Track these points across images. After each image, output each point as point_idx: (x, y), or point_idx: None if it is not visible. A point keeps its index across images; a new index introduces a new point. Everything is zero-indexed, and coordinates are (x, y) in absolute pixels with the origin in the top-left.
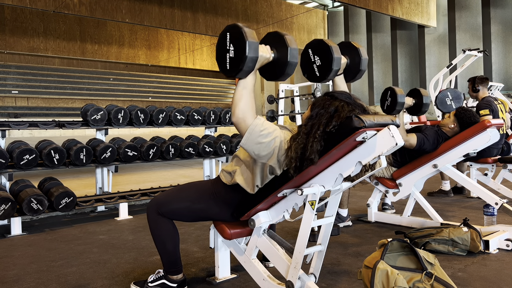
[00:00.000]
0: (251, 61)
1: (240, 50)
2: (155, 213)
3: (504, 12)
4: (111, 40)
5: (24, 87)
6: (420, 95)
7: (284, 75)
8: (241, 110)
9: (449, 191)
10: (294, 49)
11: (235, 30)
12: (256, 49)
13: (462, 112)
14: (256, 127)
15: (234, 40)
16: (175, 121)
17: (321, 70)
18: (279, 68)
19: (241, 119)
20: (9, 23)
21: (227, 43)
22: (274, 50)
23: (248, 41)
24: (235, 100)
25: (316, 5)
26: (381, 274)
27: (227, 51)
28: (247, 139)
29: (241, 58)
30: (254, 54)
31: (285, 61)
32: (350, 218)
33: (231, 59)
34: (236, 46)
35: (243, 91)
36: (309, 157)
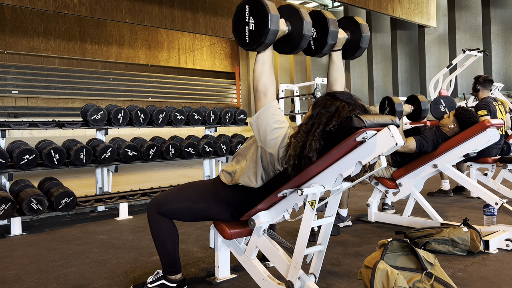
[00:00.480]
0: (272, 34)
1: (262, 23)
2: (155, 212)
3: (504, 12)
4: (111, 40)
5: (24, 87)
6: (418, 101)
7: (299, 48)
8: (264, 84)
9: (449, 191)
10: (309, 22)
11: (256, 3)
12: (277, 22)
13: (462, 112)
14: (271, 108)
15: (255, 12)
16: (175, 121)
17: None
18: (294, 41)
19: (263, 93)
20: (9, 23)
21: (246, 15)
22: (288, 23)
23: (271, 14)
24: (256, 76)
25: (316, 5)
26: (381, 274)
27: (246, 23)
28: (258, 116)
29: (263, 31)
30: (275, 27)
31: (300, 34)
32: (350, 218)
33: (251, 32)
34: (257, 19)
35: (263, 67)
36: (307, 155)
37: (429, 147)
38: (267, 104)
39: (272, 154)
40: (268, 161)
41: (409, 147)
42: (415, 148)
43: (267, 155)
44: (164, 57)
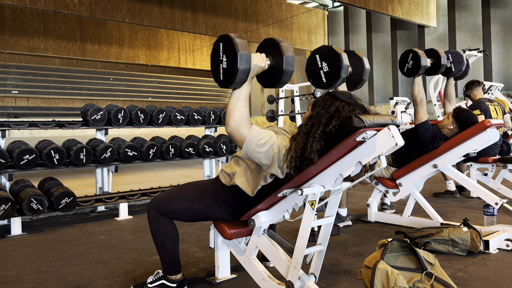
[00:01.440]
0: (243, 73)
1: (232, 62)
2: (155, 212)
3: (504, 12)
4: (111, 40)
5: (24, 87)
6: (438, 55)
7: (280, 83)
8: (235, 120)
9: (455, 191)
10: (290, 57)
11: (227, 41)
12: (248, 61)
13: (460, 112)
14: (252, 138)
15: (227, 51)
16: (175, 121)
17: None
18: (275, 76)
19: (235, 129)
20: (9, 23)
21: (220, 53)
22: (270, 58)
23: (240, 54)
24: (228, 111)
25: (316, 5)
26: (381, 274)
27: (220, 61)
28: (245, 151)
29: (233, 70)
30: (246, 66)
31: (281, 69)
32: (350, 218)
33: (224, 70)
34: (228, 57)
35: (236, 101)
36: (308, 157)
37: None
38: (247, 137)
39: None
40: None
41: (422, 113)
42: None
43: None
44: (164, 57)
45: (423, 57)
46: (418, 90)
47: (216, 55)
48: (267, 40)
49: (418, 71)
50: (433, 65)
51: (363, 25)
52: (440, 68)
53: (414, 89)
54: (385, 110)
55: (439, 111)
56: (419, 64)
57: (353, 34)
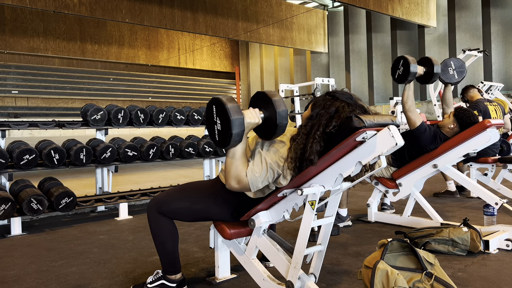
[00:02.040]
0: (237, 136)
1: (226, 127)
2: (156, 212)
3: (504, 12)
4: (111, 40)
5: (24, 87)
6: (431, 63)
7: (275, 135)
8: (234, 178)
9: (455, 192)
10: (283, 111)
11: (219, 105)
12: (241, 124)
13: (461, 112)
14: (253, 179)
15: (220, 114)
16: (175, 121)
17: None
18: (269, 129)
19: (236, 184)
20: (9, 23)
21: (214, 115)
22: (263, 111)
23: (232, 119)
24: (226, 170)
25: (316, 5)
26: (381, 274)
27: (214, 123)
28: (255, 189)
29: (227, 134)
30: (239, 129)
31: (275, 123)
32: (350, 218)
33: (219, 132)
34: (222, 121)
35: (232, 160)
36: (308, 158)
37: (427, 139)
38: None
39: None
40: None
41: (414, 119)
42: (418, 124)
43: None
44: (164, 57)
45: (413, 64)
46: (407, 96)
47: (210, 117)
48: (260, 94)
49: (408, 77)
50: (426, 74)
51: (363, 25)
52: (434, 76)
53: (404, 95)
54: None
55: (439, 111)
56: (408, 70)
57: (353, 34)
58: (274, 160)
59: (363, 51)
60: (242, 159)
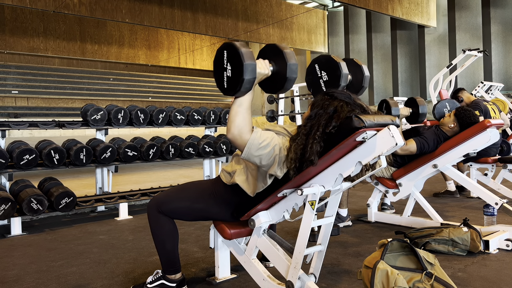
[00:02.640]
0: (248, 82)
1: (238, 72)
2: (156, 211)
3: (504, 12)
4: (111, 40)
5: (24, 87)
6: (416, 104)
7: (283, 89)
8: (237, 127)
9: (455, 192)
10: (294, 64)
11: (232, 50)
12: (253, 70)
13: (462, 112)
14: (254, 141)
15: (231, 60)
16: (175, 121)
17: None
18: (278, 82)
19: (237, 135)
20: (9, 23)
21: (224, 61)
22: (272, 64)
23: (245, 64)
24: (230, 118)
25: (316, 5)
26: (381, 274)
27: (224, 69)
28: (247, 153)
29: (238, 80)
30: (251, 76)
31: (284, 76)
32: (350, 218)
33: (228, 79)
34: (233, 66)
35: (238, 108)
36: (308, 158)
37: (429, 148)
38: (249, 141)
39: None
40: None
41: (409, 149)
42: (416, 150)
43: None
44: (164, 57)
45: (394, 107)
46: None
47: (220, 63)
48: (270, 46)
49: None
50: (413, 114)
51: (363, 25)
52: (420, 117)
53: None
54: None
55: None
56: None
57: (353, 34)
58: (280, 145)
59: (363, 51)
60: (249, 111)
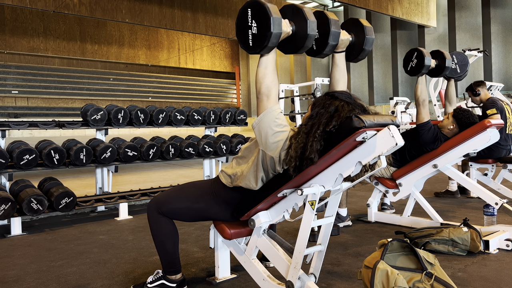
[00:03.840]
0: (275, 37)
1: (264, 27)
2: (156, 212)
3: (504, 12)
4: (111, 40)
5: (24, 87)
6: (443, 57)
7: (304, 48)
8: (267, 86)
9: (456, 192)
10: (313, 22)
11: (257, 6)
12: (280, 24)
13: (460, 112)
14: (273, 112)
15: (257, 16)
16: (175, 121)
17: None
18: (298, 41)
19: (266, 95)
20: (9, 23)
21: (249, 19)
22: (292, 23)
23: (273, 17)
24: (259, 78)
25: (316, 5)
26: (381, 274)
27: (249, 27)
28: (260, 120)
29: (266, 35)
30: (278, 30)
31: (305, 34)
32: (350, 218)
33: (253, 36)
34: (259, 22)
35: (266, 69)
36: (308, 157)
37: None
38: (269, 108)
39: (273, 158)
40: (268, 164)
41: (423, 114)
42: (425, 120)
43: (267, 158)
44: (164, 57)
45: (427, 56)
46: (421, 90)
47: (244, 22)
48: (288, 6)
49: (421, 70)
50: (437, 67)
51: None
52: (445, 70)
53: (417, 88)
54: (385, 110)
55: (439, 111)
56: (422, 63)
57: None
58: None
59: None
60: (275, 72)
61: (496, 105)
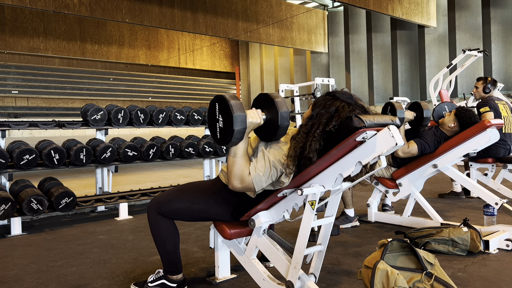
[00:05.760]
0: (238, 133)
1: (228, 123)
2: (156, 212)
3: (504, 12)
4: (111, 40)
5: (24, 87)
6: (420, 108)
7: (276, 137)
8: (237, 177)
9: (461, 193)
10: (285, 112)
11: (222, 102)
12: (243, 121)
13: (462, 112)
14: (258, 178)
15: (222, 112)
16: (175, 121)
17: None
18: (271, 130)
19: (240, 184)
20: (9, 23)
21: (217, 113)
22: (265, 112)
23: (235, 115)
24: (229, 170)
25: (316, 5)
26: (381, 274)
27: (216, 120)
28: (259, 188)
29: (229, 131)
30: (241, 126)
31: (276, 124)
32: (358, 218)
33: (220, 129)
34: (224, 117)
35: (233, 159)
36: (307, 156)
37: (430, 149)
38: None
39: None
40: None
41: (411, 152)
42: (417, 152)
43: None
44: (164, 57)
45: (399, 109)
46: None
47: (213, 114)
48: (262, 95)
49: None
50: (416, 118)
51: (363, 25)
52: (424, 121)
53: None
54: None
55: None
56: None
57: (353, 34)
58: (277, 158)
59: (363, 51)
60: (245, 157)
61: (489, 103)
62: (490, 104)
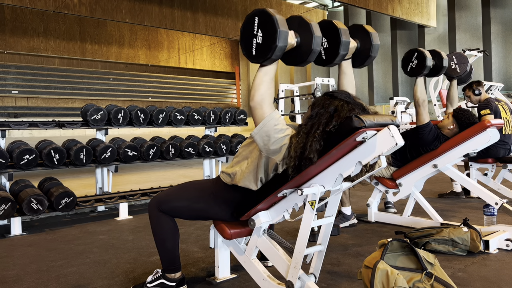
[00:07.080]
0: (280, 50)
1: (270, 38)
2: (157, 210)
3: (504, 12)
4: (111, 40)
5: (24, 87)
6: (440, 56)
7: (306, 62)
8: (261, 95)
9: (461, 193)
10: (319, 37)
11: (265, 16)
12: (286, 38)
13: (460, 112)
14: (271, 120)
15: (264, 26)
16: (175, 121)
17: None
18: (302, 54)
19: (259, 104)
20: (9, 23)
21: (255, 28)
22: (297, 35)
23: (280, 30)
24: (255, 85)
25: (316, 5)
26: (381, 274)
27: (254, 36)
28: (260, 129)
29: (270, 47)
30: (283, 43)
31: (309, 48)
32: (355, 216)
33: (258, 45)
34: (266, 33)
35: (264, 77)
36: (308, 156)
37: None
38: (267, 116)
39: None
40: (270, 166)
41: (424, 115)
42: (426, 121)
43: (269, 162)
44: (164, 57)
45: (428, 57)
46: (420, 91)
47: (249, 29)
48: (295, 18)
49: (422, 71)
50: (434, 67)
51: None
52: (442, 69)
53: (416, 89)
54: (385, 110)
55: (439, 111)
56: (424, 64)
57: None
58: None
59: None
60: (272, 83)
61: (489, 105)
62: (491, 106)
